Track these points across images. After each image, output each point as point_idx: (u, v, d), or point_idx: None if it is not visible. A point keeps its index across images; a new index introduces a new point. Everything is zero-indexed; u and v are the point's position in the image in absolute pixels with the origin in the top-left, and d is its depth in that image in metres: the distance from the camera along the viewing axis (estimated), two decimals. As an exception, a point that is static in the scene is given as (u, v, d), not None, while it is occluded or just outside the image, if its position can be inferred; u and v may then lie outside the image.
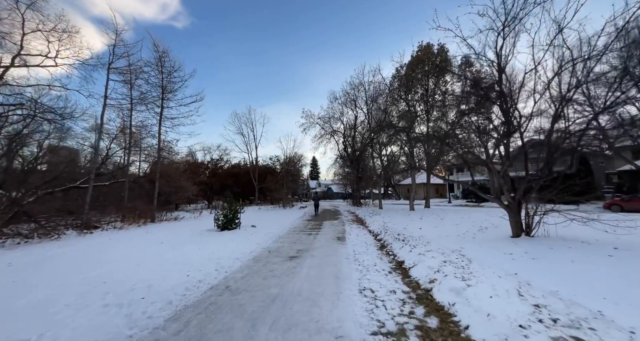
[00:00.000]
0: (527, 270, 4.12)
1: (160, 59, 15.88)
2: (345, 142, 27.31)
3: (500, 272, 3.98)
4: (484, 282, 3.53)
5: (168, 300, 3.46)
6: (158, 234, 10.46)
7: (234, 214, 10.91)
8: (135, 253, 6.91)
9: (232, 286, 4.11)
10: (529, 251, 5.25)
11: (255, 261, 5.75)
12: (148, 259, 6.06)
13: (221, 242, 7.94)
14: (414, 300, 3.48)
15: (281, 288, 3.98)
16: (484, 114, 7.54)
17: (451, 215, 13.50)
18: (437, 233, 8.06)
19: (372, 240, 8.22)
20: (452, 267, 4.35)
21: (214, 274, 4.68)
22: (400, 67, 19.07)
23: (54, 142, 19.08)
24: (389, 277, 4.50)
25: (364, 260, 5.66)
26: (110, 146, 19.28)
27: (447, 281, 3.75)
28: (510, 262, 4.65)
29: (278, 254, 6.40)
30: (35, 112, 13.99)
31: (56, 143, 19.21)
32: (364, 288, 3.97)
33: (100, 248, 8.06)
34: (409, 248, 6.08)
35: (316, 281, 4.31)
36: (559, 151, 6.14)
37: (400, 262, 5.44)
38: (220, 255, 6.07)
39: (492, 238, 6.93)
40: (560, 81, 6.12)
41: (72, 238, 10.47)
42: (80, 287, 4.24)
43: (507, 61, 6.51)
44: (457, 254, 5.24)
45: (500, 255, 5.13)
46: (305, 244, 7.64)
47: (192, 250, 6.94)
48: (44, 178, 16.57)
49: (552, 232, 6.35)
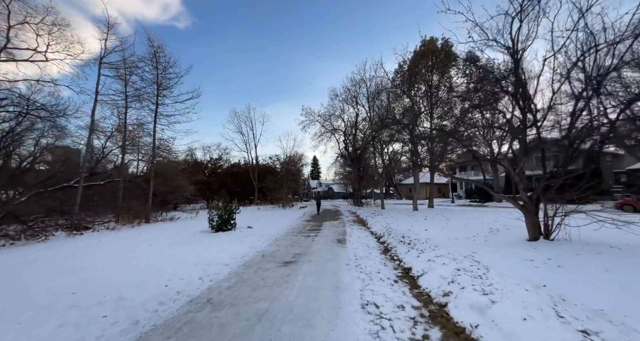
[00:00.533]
0: (556, 281, 3.55)
1: (155, 55, 15.40)
2: (346, 141, 26.73)
3: (525, 284, 3.42)
4: (509, 297, 2.97)
5: (134, 319, 2.92)
6: (150, 236, 9.96)
7: (229, 215, 10.38)
8: (120, 257, 6.40)
9: (215, 299, 3.57)
10: (552, 257, 4.68)
11: (246, 267, 5.21)
12: (131, 264, 5.55)
13: (213, 245, 7.41)
14: (426, 319, 2.93)
15: (271, 302, 3.44)
16: (494, 108, 6.96)
17: (457, 215, 12.91)
18: (444, 235, 7.50)
19: (374, 243, 7.67)
20: (467, 276, 3.79)
21: (196, 283, 4.15)
22: (403, 62, 18.47)
23: (51, 141, 18.73)
24: (395, 288, 3.95)
25: (367, 266, 5.11)
26: (105, 144, 18.85)
27: (464, 294, 3.19)
28: (533, 271, 4.08)
29: (272, 259, 5.86)
30: (28, 109, 13.55)
31: (52, 142, 18.83)
32: (367, 302, 3.41)
33: (85, 250, 7.56)
34: (416, 252, 5.52)
35: (312, 292, 3.76)
36: (581, 147, 5.55)
37: (407, 269, 4.89)
38: (209, 260, 5.53)
39: (506, 241, 6.36)
40: (586, 67, 5.53)
41: (60, 240, 9.98)
42: (45, 299, 3.72)
43: (524, 46, 5.93)
44: (471, 260, 4.68)
45: (520, 262, 4.57)
46: (303, 247, 7.09)
47: (181, 254, 6.42)
48: (38, 177, 16.17)
49: (573, 235, 5.77)
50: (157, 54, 15.34)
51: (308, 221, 14.30)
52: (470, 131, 8.69)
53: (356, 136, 26.24)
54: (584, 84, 5.93)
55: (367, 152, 26.36)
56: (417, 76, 17.80)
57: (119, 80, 15.05)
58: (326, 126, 26.94)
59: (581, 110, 5.40)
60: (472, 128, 8.20)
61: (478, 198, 26.88)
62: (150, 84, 15.69)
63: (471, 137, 8.01)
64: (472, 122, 8.67)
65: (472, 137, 8.26)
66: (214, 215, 10.21)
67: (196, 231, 10.48)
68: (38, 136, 17.92)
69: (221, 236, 9.09)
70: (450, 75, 17.29)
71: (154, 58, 15.33)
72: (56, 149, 19.90)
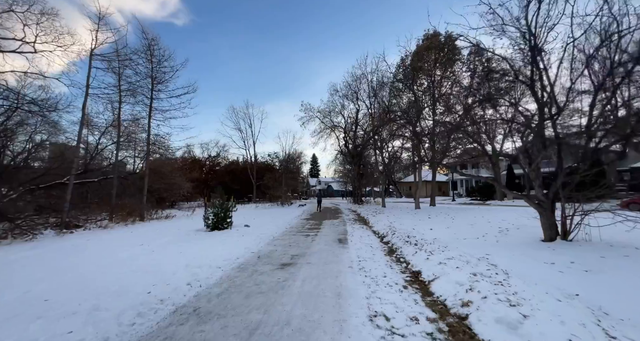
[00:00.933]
0: (589, 289, 3.15)
1: (149, 47, 14.85)
2: (346, 138, 26.23)
3: (555, 292, 3.01)
4: (542, 309, 2.56)
5: (104, 337, 2.49)
6: (142, 235, 9.53)
7: (226, 213, 9.95)
8: (106, 258, 5.97)
9: (202, 309, 3.15)
10: (576, 260, 4.27)
11: (240, 270, 4.79)
12: (116, 267, 5.12)
13: (206, 245, 6.99)
14: (446, 336, 2.51)
15: (265, 312, 3.02)
16: (508, 100, 6.52)
17: (461, 214, 12.51)
18: (452, 235, 7.10)
19: (377, 243, 7.26)
20: (487, 283, 3.38)
21: (184, 289, 3.72)
22: (406, 56, 17.98)
23: (45, 137, 18.28)
24: (405, 295, 3.54)
25: (371, 269, 4.70)
26: (100, 140, 18.36)
27: (488, 305, 2.78)
28: (558, 276, 3.68)
29: (269, 260, 5.44)
30: (18, 103, 13.05)
31: (46, 139, 18.38)
32: (375, 312, 3.00)
33: (71, 251, 7.13)
34: (425, 254, 5.11)
35: (312, 300, 3.35)
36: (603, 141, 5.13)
37: (416, 272, 4.48)
38: (201, 262, 5.11)
39: (519, 241, 5.96)
40: (611, 52, 5.10)
41: (48, 239, 9.54)
42: (12, 307, 3.30)
43: (542, 32, 5.48)
44: (486, 263, 4.27)
45: (540, 266, 4.16)
46: (302, 248, 6.68)
47: (171, 255, 5.99)
48: (30, 174, 15.68)
49: (593, 236, 5.36)
50: (151, 47, 14.80)
51: (307, 220, 13.89)
52: (477, 125, 8.24)
53: (356, 133, 25.77)
54: (605, 73, 5.50)
55: (368, 149, 25.93)
56: (420, 71, 17.32)
57: (112, 73, 14.53)
58: (326, 123, 26.48)
59: (608, 100, 4.97)
60: (480, 122, 7.77)
61: (479, 196, 26.53)
62: (144, 77, 15.18)
63: (479, 133, 7.57)
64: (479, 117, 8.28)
65: (479, 133, 7.83)
66: (210, 213, 9.79)
67: (191, 229, 10.05)
68: (30, 132, 17.48)
69: (216, 235, 8.66)
70: (454, 70, 16.81)
71: (148, 51, 14.79)
72: (52, 146, 19.46)
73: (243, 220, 12.08)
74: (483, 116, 9.48)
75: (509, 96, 7.39)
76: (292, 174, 33.62)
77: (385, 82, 20.58)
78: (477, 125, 7.40)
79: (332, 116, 26.27)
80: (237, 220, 11.36)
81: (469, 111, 7.89)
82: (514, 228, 7.69)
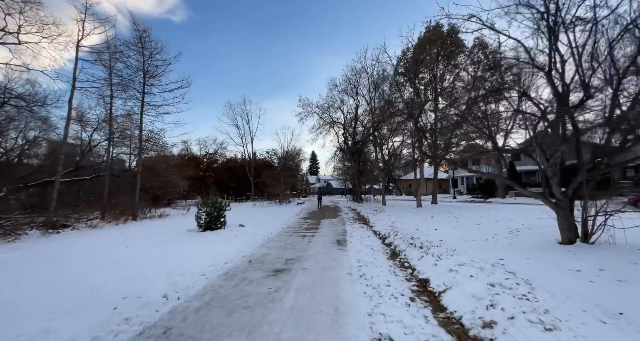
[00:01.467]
0: (631, 305, 2.65)
1: (140, 39, 14.21)
2: (345, 134, 25.65)
3: (593, 310, 2.52)
4: (586, 336, 2.08)
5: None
6: (131, 236, 9.04)
7: (219, 212, 9.46)
8: (85, 263, 5.48)
9: (173, 330, 2.66)
10: (604, 267, 3.79)
11: (227, 278, 4.30)
12: (91, 273, 4.64)
13: (195, 247, 6.50)
14: (469, 370, 2.03)
15: (248, 336, 2.53)
16: (521, 90, 6.00)
17: (465, 212, 12.04)
18: (459, 236, 6.61)
19: (379, 244, 6.78)
20: (509, 296, 2.89)
21: (157, 304, 3.22)
22: (407, 49, 17.37)
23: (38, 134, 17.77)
24: (413, 310, 3.05)
25: (373, 276, 4.21)
26: (92, 136, 17.81)
27: (517, 329, 2.28)
28: (589, 287, 3.19)
29: (260, 266, 4.95)
30: (4, 98, 12.50)
31: (39, 135, 17.86)
32: (380, 335, 2.51)
33: (52, 253, 6.64)
34: (432, 258, 4.62)
35: (305, 318, 2.86)
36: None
37: (424, 281, 3.99)
38: (185, 268, 4.62)
39: (533, 244, 5.47)
40: None
41: (32, 240, 9.04)
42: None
43: (561, 12, 4.93)
44: (503, 270, 3.78)
45: (565, 274, 3.67)
46: (298, 250, 6.19)
47: (156, 259, 5.51)
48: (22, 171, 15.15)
49: (618, 238, 4.87)
50: (142, 39, 14.17)
51: (305, 219, 13.41)
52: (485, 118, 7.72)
53: (356, 129, 25.20)
54: (631, 60, 4.97)
55: (367, 146, 25.39)
56: (421, 64, 16.73)
57: (102, 66, 13.94)
58: (325, 118, 25.85)
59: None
60: (490, 113, 7.26)
61: (480, 194, 26.06)
62: (135, 71, 14.57)
63: (489, 126, 7.05)
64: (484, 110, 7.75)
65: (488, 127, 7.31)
66: (202, 213, 9.29)
67: (182, 230, 9.56)
68: (21, 128, 16.94)
69: (208, 236, 8.17)
70: (458, 63, 16.21)
71: (140, 43, 14.16)
72: (49, 143, 18.91)
73: (239, 219, 11.59)
74: (486, 110, 8.99)
75: (519, 86, 6.86)
76: (291, 171, 33.10)
77: (386, 76, 19.98)
78: (485, 118, 6.88)
79: (331, 112, 25.68)
80: (232, 219, 10.88)
81: (476, 103, 7.38)
82: (525, 228, 7.21)
